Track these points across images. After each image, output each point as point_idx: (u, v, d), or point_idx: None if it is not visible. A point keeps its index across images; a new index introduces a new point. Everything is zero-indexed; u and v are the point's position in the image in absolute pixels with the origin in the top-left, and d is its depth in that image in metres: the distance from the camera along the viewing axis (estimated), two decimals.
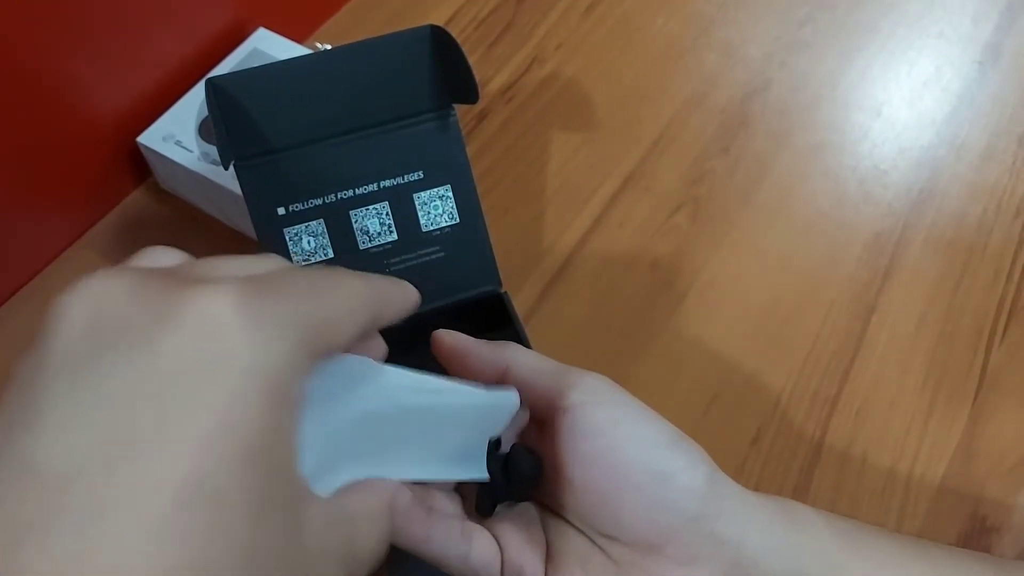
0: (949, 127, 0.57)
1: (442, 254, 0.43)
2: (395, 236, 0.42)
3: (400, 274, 0.42)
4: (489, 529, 0.30)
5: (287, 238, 0.41)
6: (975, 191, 0.54)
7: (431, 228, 0.43)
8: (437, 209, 0.43)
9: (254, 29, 0.54)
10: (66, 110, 0.48)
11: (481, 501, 0.31)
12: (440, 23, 0.41)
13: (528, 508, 0.31)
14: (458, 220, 0.43)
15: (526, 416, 0.32)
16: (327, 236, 0.41)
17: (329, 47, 0.54)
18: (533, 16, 0.62)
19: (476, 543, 0.29)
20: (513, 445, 0.31)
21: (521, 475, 0.30)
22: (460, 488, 0.32)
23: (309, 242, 0.41)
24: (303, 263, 0.41)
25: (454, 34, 0.41)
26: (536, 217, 0.53)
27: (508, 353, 0.31)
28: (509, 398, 0.29)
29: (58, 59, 0.45)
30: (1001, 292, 0.50)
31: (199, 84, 0.51)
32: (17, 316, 0.49)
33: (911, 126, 0.57)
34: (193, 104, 0.51)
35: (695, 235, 0.52)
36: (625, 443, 0.29)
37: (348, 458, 0.26)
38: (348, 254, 0.42)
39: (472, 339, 0.31)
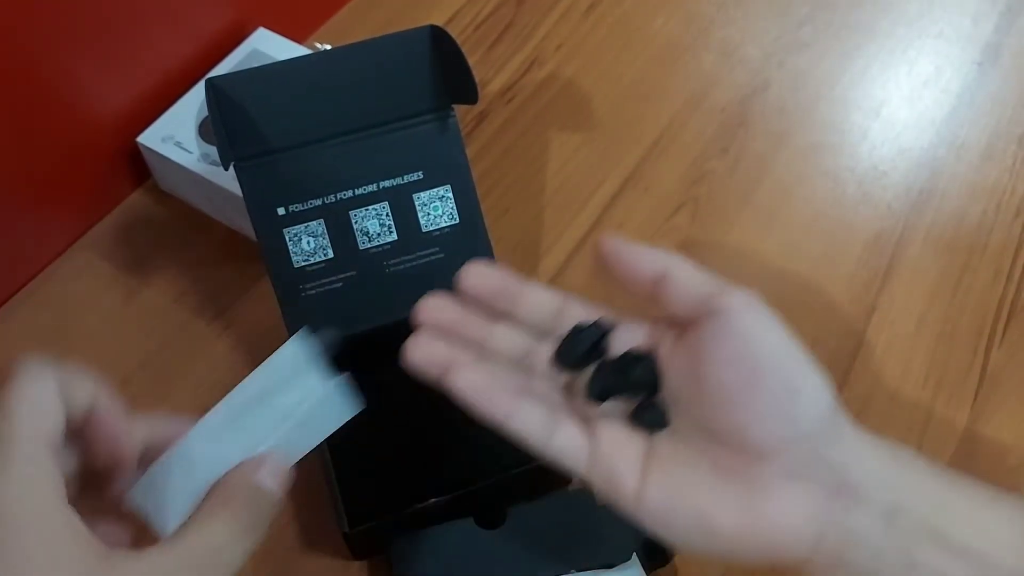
0: (949, 127, 0.57)
1: (442, 255, 0.43)
2: (395, 236, 0.42)
3: (400, 275, 0.42)
4: (588, 422, 0.31)
5: (287, 238, 0.41)
6: (975, 191, 0.54)
7: (431, 229, 0.43)
8: (437, 210, 0.43)
9: (254, 29, 0.54)
10: (66, 110, 0.48)
11: (593, 385, 0.32)
12: (440, 24, 0.41)
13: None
14: (458, 220, 0.43)
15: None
16: (327, 237, 0.41)
17: (329, 47, 0.54)
18: (533, 17, 0.62)
19: (561, 431, 0.30)
20: (628, 352, 0.32)
21: (635, 379, 0.31)
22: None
23: (309, 242, 0.41)
24: (303, 263, 0.41)
25: (454, 35, 0.41)
26: (536, 217, 0.53)
27: (669, 262, 0.32)
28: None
29: (58, 59, 0.45)
30: (1001, 292, 0.50)
31: (199, 85, 0.51)
32: (17, 316, 0.48)
33: (911, 126, 0.57)
34: (193, 105, 0.51)
35: (695, 235, 0.52)
36: (768, 350, 0.30)
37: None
38: (348, 255, 0.42)
39: (632, 244, 0.32)
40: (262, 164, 0.40)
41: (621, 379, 0.32)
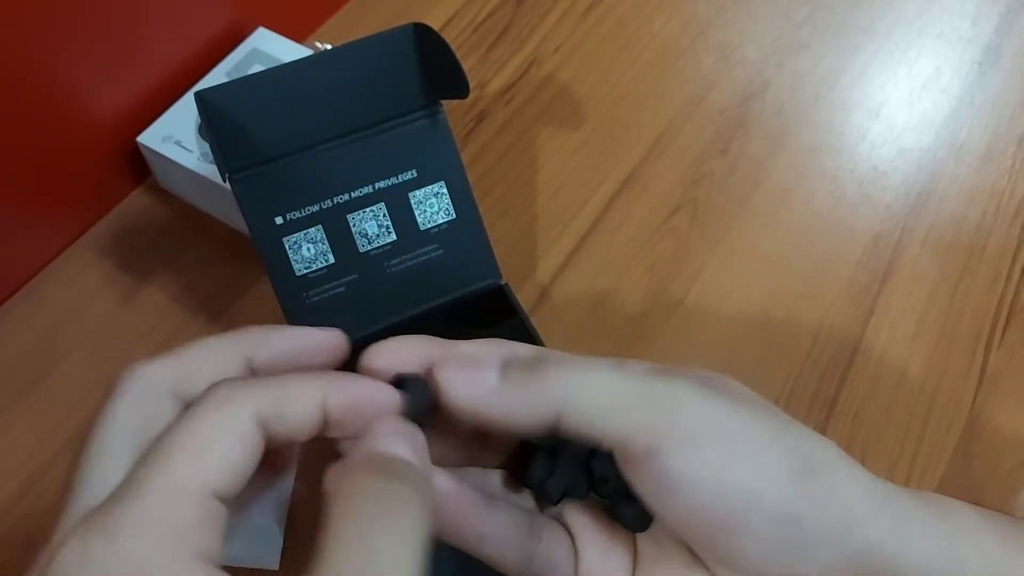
0: (948, 129, 0.57)
1: (441, 251, 0.43)
2: (394, 236, 0.42)
3: (401, 275, 0.42)
4: (562, 522, 0.25)
5: (287, 247, 0.41)
6: (974, 193, 0.54)
7: (429, 226, 0.43)
8: (433, 207, 0.43)
9: (254, 29, 0.54)
10: (65, 110, 0.48)
11: (548, 486, 0.25)
12: (438, 24, 0.41)
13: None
14: (454, 216, 0.43)
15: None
16: (327, 242, 0.41)
17: (329, 47, 0.54)
18: (531, 18, 0.62)
19: (545, 542, 0.24)
20: (596, 453, 0.25)
21: (604, 481, 0.25)
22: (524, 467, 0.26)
23: (309, 249, 0.41)
24: (305, 270, 0.41)
25: (453, 35, 0.41)
26: (534, 219, 0.53)
27: (558, 398, 0.23)
28: None
29: (57, 58, 0.45)
30: (1000, 294, 0.50)
31: (198, 84, 0.52)
32: (16, 316, 0.49)
33: (910, 127, 0.57)
34: (193, 104, 0.51)
35: (693, 237, 0.52)
36: (735, 493, 0.23)
37: None
38: (349, 259, 0.42)
39: (501, 391, 0.23)
40: (256, 175, 0.40)
41: (584, 477, 0.26)
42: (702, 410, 0.23)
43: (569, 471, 0.25)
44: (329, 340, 0.25)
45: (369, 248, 0.42)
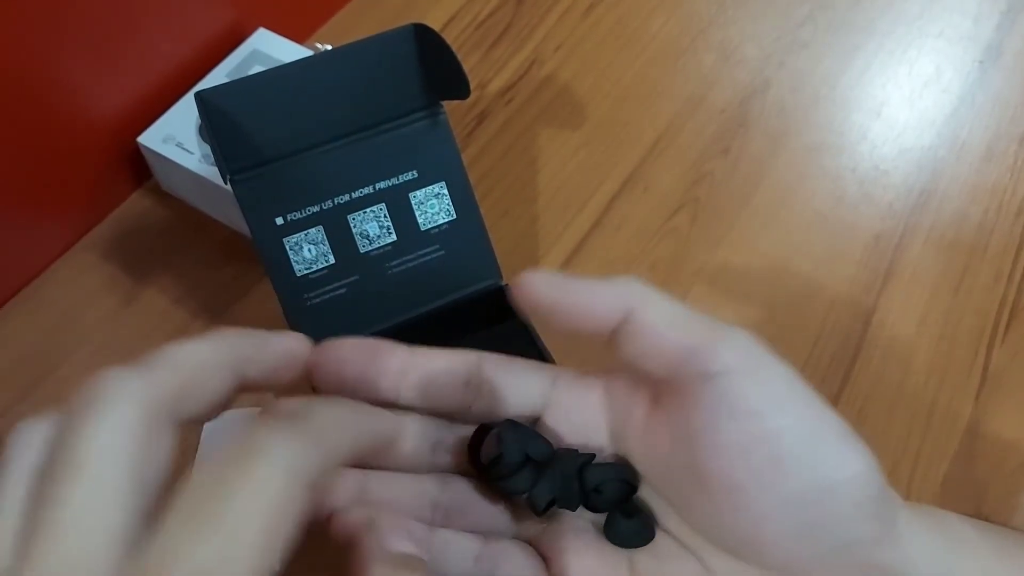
0: (949, 127, 0.57)
1: (442, 252, 0.43)
2: (395, 237, 0.42)
3: (402, 276, 0.42)
4: (543, 540, 0.24)
5: (287, 248, 0.41)
6: (976, 192, 0.54)
7: (429, 226, 0.43)
8: (433, 207, 0.43)
9: (254, 29, 0.54)
10: (65, 111, 0.48)
11: (535, 495, 0.23)
12: (439, 24, 0.41)
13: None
14: (455, 216, 0.43)
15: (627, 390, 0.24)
16: (327, 243, 0.41)
17: (329, 47, 0.54)
18: (532, 17, 0.62)
19: (503, 570, 0.22)
20: (591, 462, 0.24)
21: (597, 492, 0.24)
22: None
23: (310, 250, 0.41)
24: (306, 271, 0.41)
25: (453, 35, 0.41)
26: (535, 219, 0.53)
27: (632, 296, 0.23)
28: None
29: (57, 59, 0.45)
30: (1002, 293, 0.50)
31: (199, 85, 0.51)
32: (16, 318, 0.48)
33: (911, 126, 0.57)
34: (193, 105, 0.51)
35: (694, 237, 0.52)
36: (786, 433, 0.21)
37: None
38: (349, 259, 0.42)
39: (575, 281, 0.23)
40: (256, 176, 0.40)
41: (577, 487, 0.24)
42: (756, 345, 0.22)
43: (560, 479, 0.24)
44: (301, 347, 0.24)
45: (370, 249, 0.42)
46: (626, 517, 0.24)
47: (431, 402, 0.25)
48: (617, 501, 0.24)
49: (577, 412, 0.25)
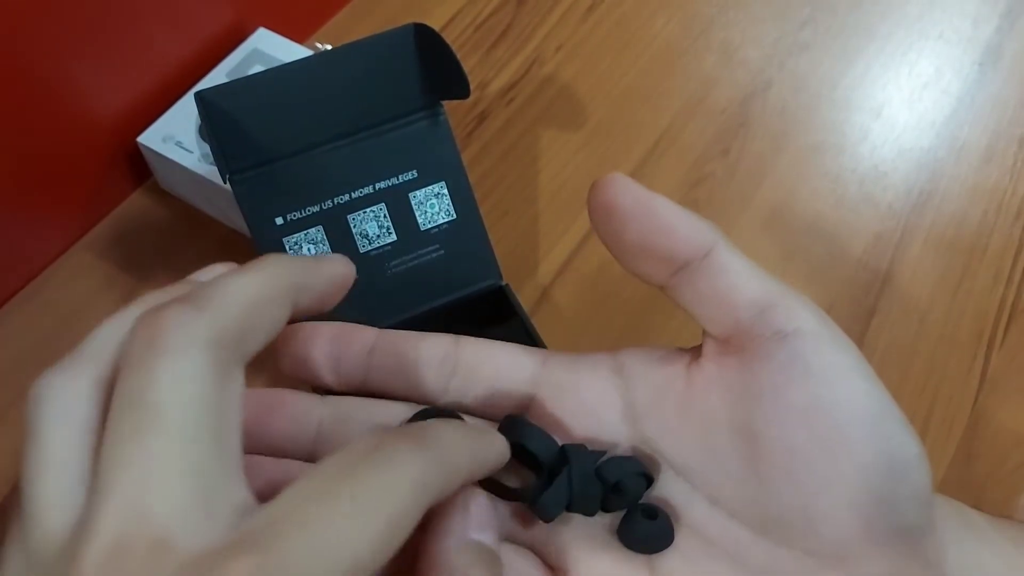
0: (949, 129, 0.57)
1: (442, 252, 0.43)
2: (394, 237, 0.42)
3: (402, 275, 0.42)
4: (547, 547, 0.21)
5: (287, 247, 0.41)
6: (975, 193, 0.54)
7: (429, 226, 0.43)
8: (434, 207, 0.43)
9: (254, 29, 0.54)
10: (65, 110, 0.48)
11: (544, 503, 0.21)
12: (439, 24, 0.41)
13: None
14: (455, 216, 0.43)
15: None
16: (327, 243, 0.41)
17: (329, 47, 0.54)
18: (533, 18, 0.62)
19: None
20: (607, 457, 0.22)
21: (618, 490, 0.21)
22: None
23: (310, 250, 0.41)
24: None
25: (454, 35, 0.41)
26: (535, 219, 0.53)
27: (717, 235, 0.22)
28: None
29: (57, 59, 0.45)
30: (1001, 294, 0.50)
31: (199, 84, 0.51)
32: (16, 318, 0.48)
33: (911, 127, 0.57)
34: (193, 105, 0.51)
35: None
36: (856, 401, 0.20)
37: None
38: (349, 259, 0.42)
39: (663, 198, 0.22)
40: (256, 175, 0.40)
41: (595, 488, 0.21)
42: (819, 313, 0.21)
43: (578, 481, 0.21)
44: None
45: (369, 248, 0.42)
46: (648, 518, 0.21)
47: (402, 381, 0.24)
48: (635, 499, 0.22)
49: (577, 392, 0.23)
